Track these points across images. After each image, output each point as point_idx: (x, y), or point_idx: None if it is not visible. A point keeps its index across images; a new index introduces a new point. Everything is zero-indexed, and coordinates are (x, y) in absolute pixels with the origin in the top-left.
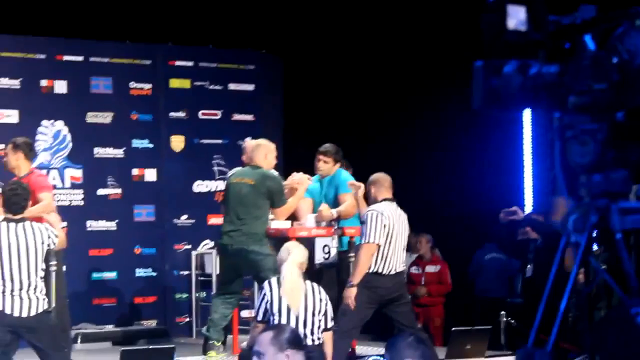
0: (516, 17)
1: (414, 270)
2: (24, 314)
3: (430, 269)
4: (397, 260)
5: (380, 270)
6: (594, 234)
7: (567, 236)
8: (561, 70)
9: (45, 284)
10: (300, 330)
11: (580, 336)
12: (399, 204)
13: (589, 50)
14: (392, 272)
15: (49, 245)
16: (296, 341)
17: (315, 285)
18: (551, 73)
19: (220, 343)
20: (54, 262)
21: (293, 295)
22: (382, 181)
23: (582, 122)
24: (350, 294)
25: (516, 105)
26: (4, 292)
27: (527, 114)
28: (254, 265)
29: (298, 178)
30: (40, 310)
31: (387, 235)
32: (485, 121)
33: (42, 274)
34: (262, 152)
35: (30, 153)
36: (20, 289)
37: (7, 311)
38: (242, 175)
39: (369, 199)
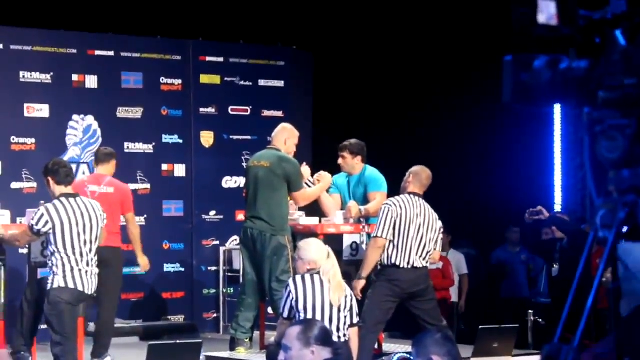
0: (546, 11)
1: None
2: (92, 291)
3: (432, 265)
4: (414, 254)
5: (397, 263)
6: (624, 231)
7: (594, 232)
8: (591, 65)
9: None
10: (327, 326)
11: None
12: (430, 199)
13: (620, 45)
14: (410, 265)
15: (104, 220)
16: (323, 337)
17: None
18: (581, 68)
19: (248, 339)
20: None
21: (341, 291)
22: (421, 175)
23: (611, 117)
24: (358, 285)
25: (546, 101)
26: (72, 269)
27: (557, 112)
28: (268, 251)
29: (318, 173)
30: (95, 288)
31: (399, 228)
32: (516, 119)
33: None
34: (284, 136)
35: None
36: (87, 264)
37: (80, 288)
38: (259, 158)
39: (401, 186)
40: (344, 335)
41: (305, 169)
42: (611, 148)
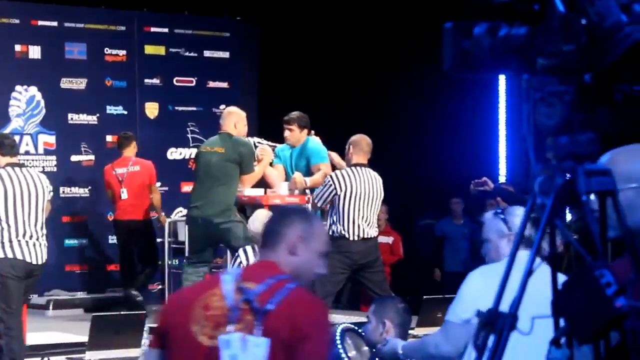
0: None
1: None
2: (39, 261)
3: (382, 239)
4: (363, 225)
5: (346, 235)
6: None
7: (532, 198)
8: (530, 32)
9: None
10: None
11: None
12: (375, 169)
13: (559, 12)
14: (360, 237)
15: (50, 192)
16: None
17: None
18: (520, 35)
19: None
20: None
21: None
22: (361, 143)
23: (549, 84)
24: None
25: (486, 68)
26: (14, 240)
27: (502, 83)
28: (224, 235)
29: (261, 148)
30: (45, 258)
31: (345, 202)
32: (460, 89)
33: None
34: (232, 120)
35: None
36: (31, 236)
37: (28, 259)
38: (212, 144)
39: (345, 159)
40: None
41: (263, 146)
42: (549, 115)
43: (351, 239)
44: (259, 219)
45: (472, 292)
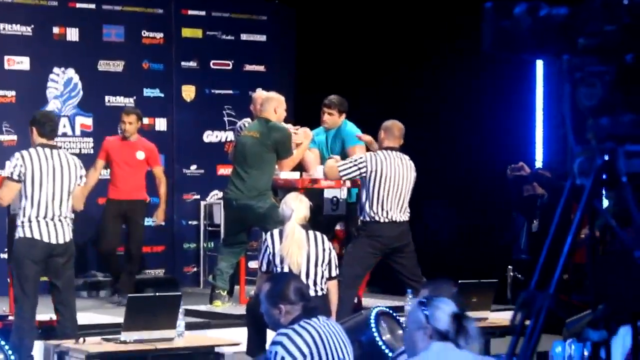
0: None
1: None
2: (59, 241)
3: None
4: (394, 209)
5: (377, 218)
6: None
7: (572, 179)
8: (571, 12)
9: None
10: (303, 281)
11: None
12: (409, 153)
13: None
14: (390, 219)
15: (80, 177)
16: (291, 296)
17: (319, 234)
18: (561, 15)
19: (225, 293)
20: None
21: (292, 255)
22: (393, 129)
23: (590, 64)
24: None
25: (526, 48)
26: (36, 219)
27: (539, 68)
28: (259, 219)
29: (302, 131)
30: (68, 238)
31: (376, 184)
32: (497, 74)
33: (71, 201)
34: (272, 105)
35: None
36: (52, 217)
37: (46, 239)
38: (249, 129)
39: (377, 143)
40: (322, 289)
41: (303, 130)
42: (590, 95)
43: (381, 221)
44: (288, 202)
45: None
